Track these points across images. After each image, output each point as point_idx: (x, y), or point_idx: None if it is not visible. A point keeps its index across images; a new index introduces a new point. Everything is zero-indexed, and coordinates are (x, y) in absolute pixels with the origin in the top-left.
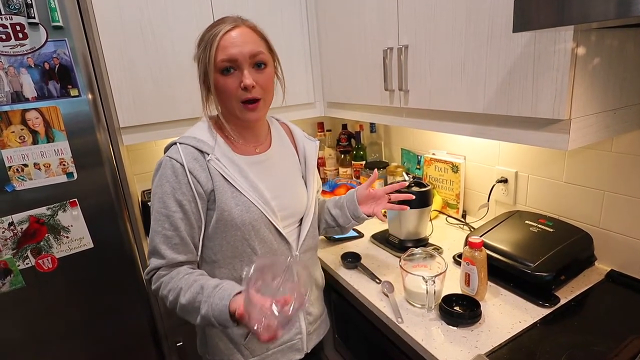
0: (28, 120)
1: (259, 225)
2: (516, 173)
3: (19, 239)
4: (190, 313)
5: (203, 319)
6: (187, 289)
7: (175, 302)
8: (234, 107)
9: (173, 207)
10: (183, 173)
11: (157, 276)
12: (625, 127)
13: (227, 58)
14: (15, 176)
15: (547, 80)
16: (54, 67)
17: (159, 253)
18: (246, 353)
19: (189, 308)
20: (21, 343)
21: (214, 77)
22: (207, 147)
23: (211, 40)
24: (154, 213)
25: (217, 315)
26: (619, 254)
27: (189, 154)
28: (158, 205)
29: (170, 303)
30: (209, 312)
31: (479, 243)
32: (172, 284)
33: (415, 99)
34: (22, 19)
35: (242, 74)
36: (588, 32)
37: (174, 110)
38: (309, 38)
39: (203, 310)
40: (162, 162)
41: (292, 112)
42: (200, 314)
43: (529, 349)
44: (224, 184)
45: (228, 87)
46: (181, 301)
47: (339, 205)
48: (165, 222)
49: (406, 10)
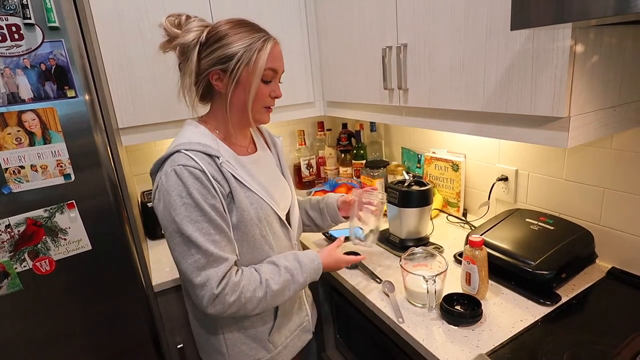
0: (24, 122)
1: (271, 219)
2: (516, 171)
3: (16, 241)
4: (282, 295)
5: (298, 288)
6: (271, 277)
7: (263, 298)
8: (257, 110)
9: (211, 211)
10: (205, 178)
11: (232, 285)
12: (624, 124)
13: (274, 68)
14: (11, 178)
15: (546, 78)
16: (50, 68)
17: (219, 258)
18: (270, 347)
19: (281, 291)
20: (19, 346)
21: (256, 81)
22: (215, 151)
23: (260, 45)
24: (192, 223)
25: (314, 276)
26: (620, 251)
27: (202, 159)
28: (194, 213)
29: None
30: (308, 278)
31: (479, 242)
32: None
33: (414, 98)
34: (17, 20)
35: (277, 85)
36: (586, 29)
37: (173, 110)
38: (309, 37)
39: (301, 279)
40: (175, 172)
41: (292, 111)
42: (296, 285)
43: (530, 348)
44: (237, 185)
45: (263, 93)
46: (273, 289)
47: (316, 209)
48: (209, 228)
49: (405, 8)
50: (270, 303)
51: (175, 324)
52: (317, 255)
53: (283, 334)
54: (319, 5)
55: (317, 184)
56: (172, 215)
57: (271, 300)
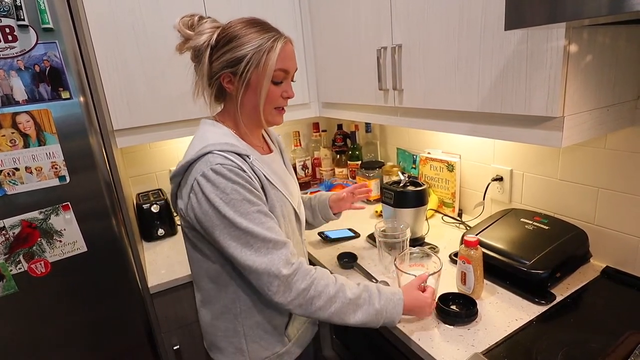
0: (19, 124)
1: (291, 216)
2: (511, 171)
3: (11, 243)
4: (353, 308)
5: (372, 314)
6: (347, 285)
7: (334, 298)
8: (268, 112)
9: (259, 202)
10: (245, 174)
11: (304, 271)
12: (618, 124)
13: (285, 69)
14: (6, 180)
15: (540, 78)
16: (44, 70)
17: (280, 242)
18: (285, 340)
19: (354, 303)
20: (15, 349)
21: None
22: (244, 150)
23: (269, 46)
24: (244, 216)
25: (391, 309)
26: (614, 251)
27: (236, 158)
28: (244, 207)
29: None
30: (384, 307)
31: (474, 241)
32: (326, 280)
33: (409, 98)
34: (11, 21)
35: (289, 85)
36: (580, 29)
37: (168, 112)
38: (303, 38)
39: (377, 304)
40: (215, 171)
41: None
42: (371, 308)
43: (525, 347)
44: (267, 182)
45: (275, 95)
46: (347, 295)
47: (308, 206)
48: (261, 217)
49: (400, 9)
50: (337, 310)
51: (171, 325)
52: (400, 291)
53: (295, 327)
54: (314, 6)
55: (312, 185)
56: (221, 213)
57: (340, 307)
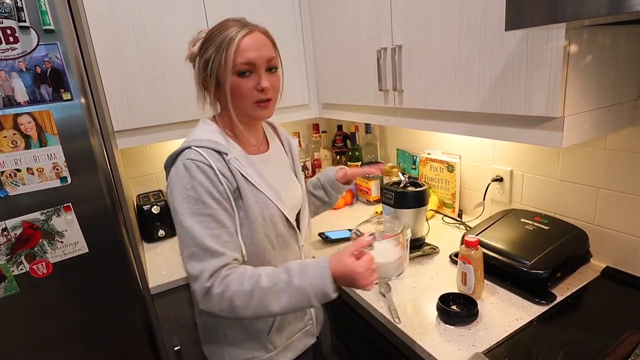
0: (20, 125)
1: (275, 219)
2: (511, 172)
3: (12, 244)
4: (274, 295)
5: (296, 294)
6: (266, 274)
7: (251, 293)
8: (247, 106)
9: (213, 205)
10: (213, 173)
11: (221, 278)
12: (618, 124)
13: (246, 61)
14: (8, 181)
15: (540, 78)
16: (45, 71)
17: (215, 252)
18: (269, 347)
19: (272, 290)
20: (16, 349)
21: (230, 79)
22: (224, 148)
23: (227, 43)
24: (193, 216)
25: (316, 282)
26: (614, 251)
27: (211, 154)
28: (196, 207)
29: (242, 297)
30: (305, 282)
31: (475, 242)
32: (243, 277)
33: (409, 99)
34: (12, 23)
35: (260, 77)
36: (580, 29)
37: (168, 113)
38: (303, 39)
39: (296, 282)
40: (184, 166)
41: (287, 113)
42: (292, 288)
43: (526, 347)
44: (245, 182)
45: (244, 89)
46: (262, 284)
47: (318, 187)
48: (209, 221)
49: (400, 10)
50: (259, 304)
51: (172, 326)
52: (326, 259)
53: (284, 335)
54: (314, 7)
55: None
56: (176, 207)
57: (260, 299)
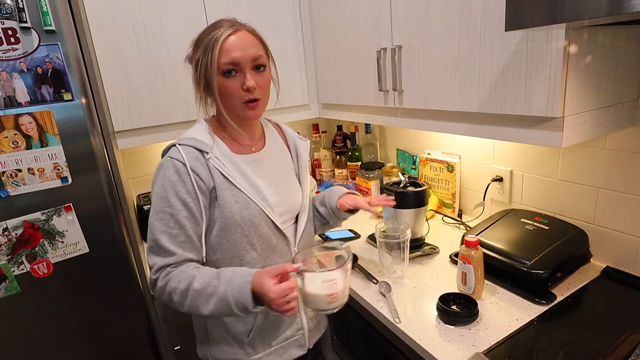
0: (21, 125)
1: (257, 221)
2: (511, 172)
3: (13, 244)
4: (204, 298)
5: (220, 302)
6: (201, 275)
7: (185, 292)
8: (235, 106)
9: (177, 205)
10: (185, 171)
11: (165, 273)
12: (618, 124)
13: (230, 61)
14: (9, 181)
15: (540, 79)
16: (46, 72)
17: (167, 251)
18: (249, 350)
19: (202, 293)
20: (17, 349)
21: (216, 79)
22: (206, 147)
23: (212, 44)
24: (156, 213)
25: (236, 294)
26: (614, 251)
27: (190, 153)
28: (161, 204)
29: (179, 295)
30: (228, 292)
31: (475, 242)
32: (182, 276)
33: (409, 99)
34: (14, 24)
35: (245, 76)
36: (580, 30)
37: (168, 113)
38: (303, 40)
39: (221, 290)
40: (163, 163)
41: (287, 113)
42: (217, 295)
43: (526, 347)
44: (224, 182)
45: (230, 89)
46: (194, 286)
47: (324, 204)
48: (170, 220)
49: (399, 10)
50: (191, 303)
51: (172, 325)
52: (252, 273)
53: (267, 341)
54: (313, 7)
55: None
56: (152, 201)
57: (192, 300)
